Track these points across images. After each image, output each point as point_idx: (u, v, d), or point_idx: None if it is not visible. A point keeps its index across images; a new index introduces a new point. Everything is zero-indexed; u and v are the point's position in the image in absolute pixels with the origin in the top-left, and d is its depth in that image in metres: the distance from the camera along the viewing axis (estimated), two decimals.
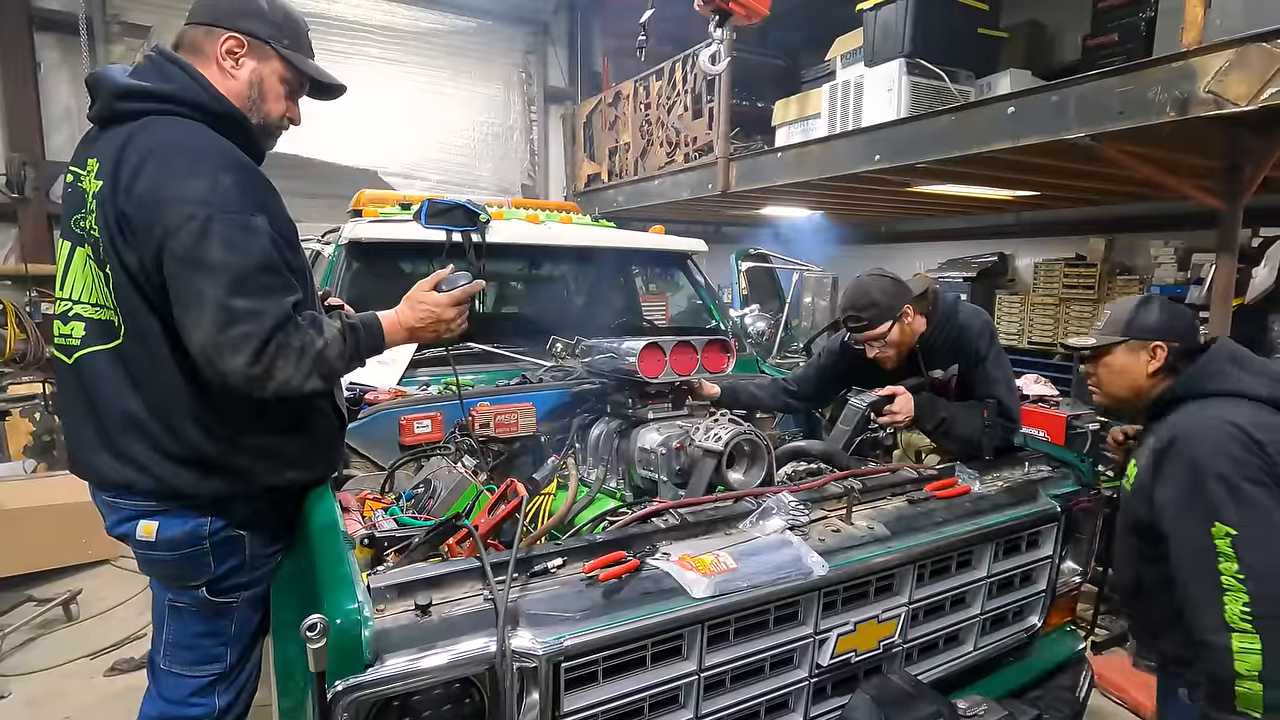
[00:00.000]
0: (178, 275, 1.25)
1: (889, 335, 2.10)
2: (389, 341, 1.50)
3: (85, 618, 3.57)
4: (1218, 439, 1.46)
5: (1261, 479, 1.43)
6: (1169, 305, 1.69)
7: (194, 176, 1.26)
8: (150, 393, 1.37)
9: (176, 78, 1.37)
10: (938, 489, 1.76)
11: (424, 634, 1.11)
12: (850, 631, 1.48)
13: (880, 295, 2.08)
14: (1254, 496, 1.41)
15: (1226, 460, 1.44)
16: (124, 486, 1.39)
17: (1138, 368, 1.65)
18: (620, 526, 1.48)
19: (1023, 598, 1.85)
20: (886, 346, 2.13)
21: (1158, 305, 1.68)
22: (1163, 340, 1.63)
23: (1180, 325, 1.66)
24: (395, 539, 1.40)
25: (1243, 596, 1.37)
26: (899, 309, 2.08)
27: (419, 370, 2.41)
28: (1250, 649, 1.35)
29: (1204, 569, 1.42)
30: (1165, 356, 1.63)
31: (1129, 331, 1.66)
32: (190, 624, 1.49)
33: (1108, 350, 1.69)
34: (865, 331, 2.12)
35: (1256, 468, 1.43)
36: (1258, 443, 1.44)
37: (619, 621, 1.20)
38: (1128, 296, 1.86)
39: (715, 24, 1.89)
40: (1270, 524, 1.40)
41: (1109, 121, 3.00)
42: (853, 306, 2.13)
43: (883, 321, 2.09)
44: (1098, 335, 1.71)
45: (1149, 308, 1.67)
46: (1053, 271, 6.10)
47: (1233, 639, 1.36)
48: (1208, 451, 1.46)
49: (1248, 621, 1.36)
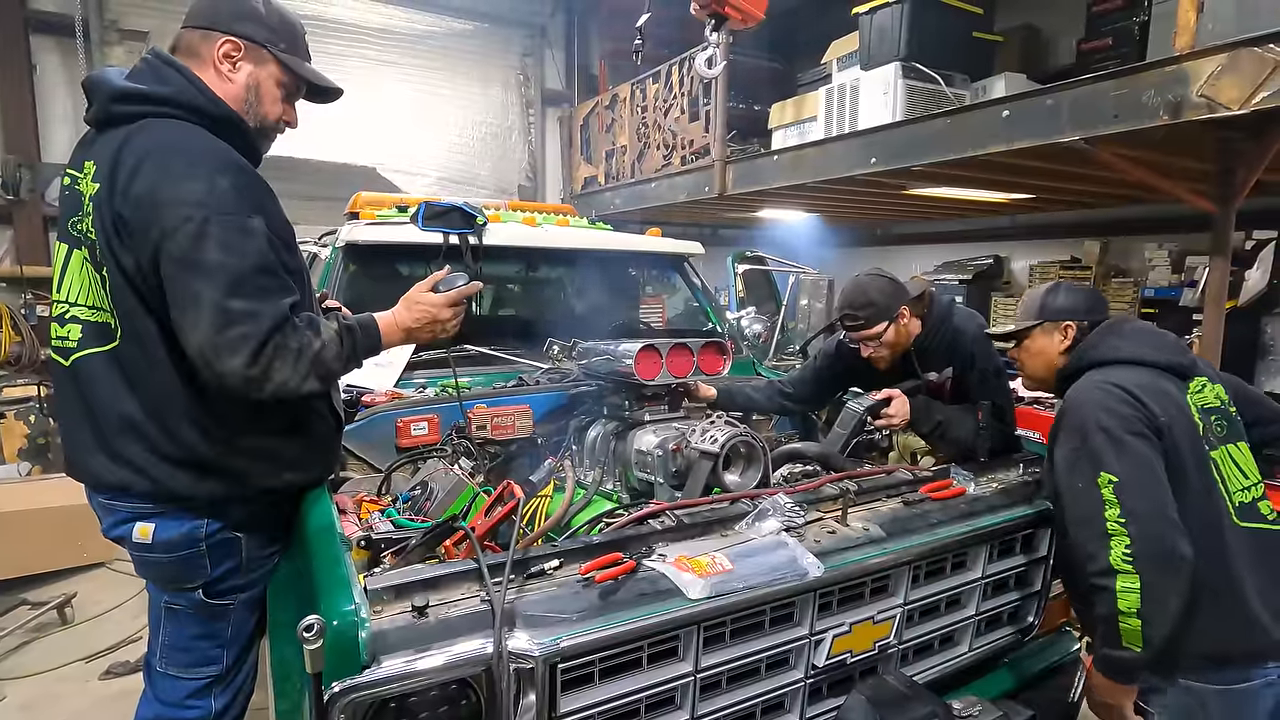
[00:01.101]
0: (174, 277, 1.25)
1: (885, 335, 2.11)
2: (386, 342, 1.51)
3: (80, 621, 3.56)
4: (1098, 397, 1.58)
5: (1142, 431, 1.53)
6: (1075, 288, 1.85)
7: (190, 179, 1.27)
8: (147, 395, 1.37)
9: (173, 81, 1.37)
10: (933, 490, 1.77)
11: (421, 635, 1.11)
12: (846, 633, 1.48)
13: (877, 295, 2.09)
14: (1135, 447, 1.51)
15: (1107, 414, 1.55)
16: (120, 488, 1.39)
17: (1052, 348, 1.80)
18: (617, 528, 1.48)
19: (1017, 598, 1.85)
20: (881, 346, 2.14)
21: (1064, 289, 1.83)
22: (1072, 320, 1.77)
23: (1086, 304, 1.79)
24: (392, 541, 1.40)
25: (1125, 540, 1.46)
26: (895, 310, 2.09)
27: (416, 372, 2.41)
28: (1130, 588, 1.44)
29: (1092, 519, 1.51)
30: (1074, 334, 1.76)
31: (1042, 315, 1.81)
32: (186, 626, 1.49)
33: (1026, 334, 1.83)
34: (861, 331, 2.13)
35: (1137, 420, 1.54)
36: (1138, 399, 1.56)
37: (615, 623, 1.21)
38: (1037, 286, 2.02)
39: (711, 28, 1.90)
40: (1150, 470, 1.50)
41: (1103, 125, 3.02)
42: (849, 305, 2.14)
43: (879, 321, 2.10)
44: (1016, 322, 1.86)
45: (1056, 292, 1.82)
46: (1048, 274, 6.12)
47: (1117, 579, 1.46)
48: (1090, 409, 1.57)
49: (1128, 562, 1.45)
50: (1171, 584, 1.44)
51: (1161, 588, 1.44)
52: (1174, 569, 1.44)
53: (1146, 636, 1.45)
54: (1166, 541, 1.44)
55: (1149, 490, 1.48)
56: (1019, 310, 1.88)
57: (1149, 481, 1.49)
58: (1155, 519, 1.46)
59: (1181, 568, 1.44)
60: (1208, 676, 1.55)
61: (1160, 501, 1.48)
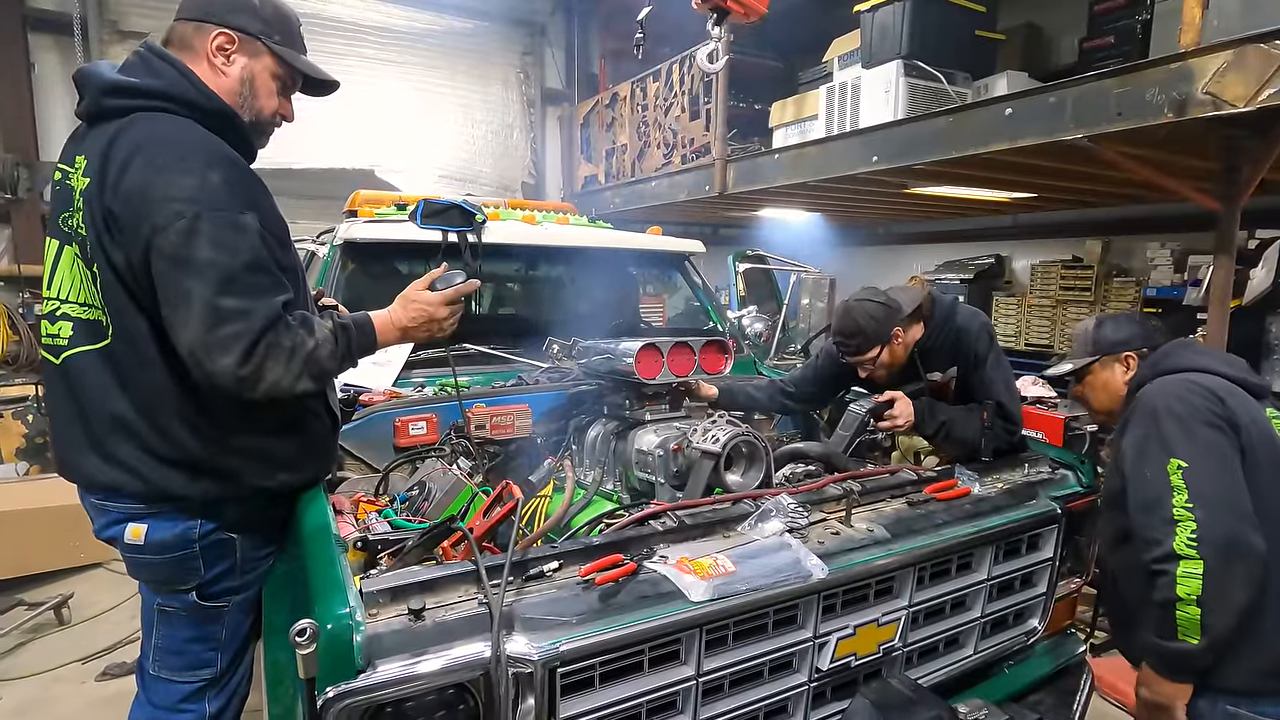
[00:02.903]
0: (165, 274, 1.23)
1: (879, 358, 2.10)
2: (381, 341, 1.48)
3: (77, 622, 3.54)
4: (1176, 389, 1.57)
5: (1216, 423, 1.51)
6: (1120, 318, 1.85)
7: (182, 173, 1.24)
8: (138, 393, 1.34)
9: (166, 74, 1.35)
10: (937, 491, 1.75)
11: (417, 639, 1.08)
12: (850, 635, 1.46)
13: (866, 322, 2.07)
14: (1207, 434, 1.49)
15: (1182, 403, 1.53)
16: (112, 489, 1.37)
17: (1116, 380, 1.80)
18: (617, 529, 1.46)
19: (1023, 600, 1.83)
20: (878, 368, 2.13)
21: (1110, 321, 1.84)
22: (1130, 350, 1.77)
23: (1141, 332, 1.80)
24: (389, 542, 1.37)
25: (1191, 525, 1.42)
26: (887, 334, 2.07)
27: (414, 371, 2.39)
28: (1193, 574, 1.40)
29: (1158, 504, 1.48)
30: (1136, 364, 1.76)
31: (1097, 349, 1.81)
32: (180, 629, 1.46)
33: (1087, 371, 1.83)
34: (854, 357, 2.12)
35: (1212, 413, 1.52)
36: (1214, 394, 1.54)
37: (616, 626, 1.18)
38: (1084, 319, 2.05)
39: (713, 22, 1.88)
40: (1222, 458, 1.48)
41: (1106, 123, 2.99)
42: (839, 333, 2.14)
43: (870, 348, 2.08)
44: (1072, 361, 1.86)
45: (1103, 325, 1.83)
46: (1050, 273, 6.10)
47: (1179, 565, 1.42)
48: (1166, 398, 1.56)
49: (1193, 548, 1.41)
50: (1238, 573, 1.39)
51: (1226, 575, 1.39)
52: (1240, 557, 1.39)
53: (1205, 625, 1.40)
54: (1234, 528, 1.40)
55: (1219, 477, 1.45)
56: (1072, 348, 1.89)
57: (1219, 469, 1.46)
58: (1223, 505, 1.42)
59: (1249, 558, 1.40)
60: (1261, 703, 1.48)
61: (1230, 489, 1.44)
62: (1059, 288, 5.98)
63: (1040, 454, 2.08)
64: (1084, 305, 5.81)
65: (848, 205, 5.87)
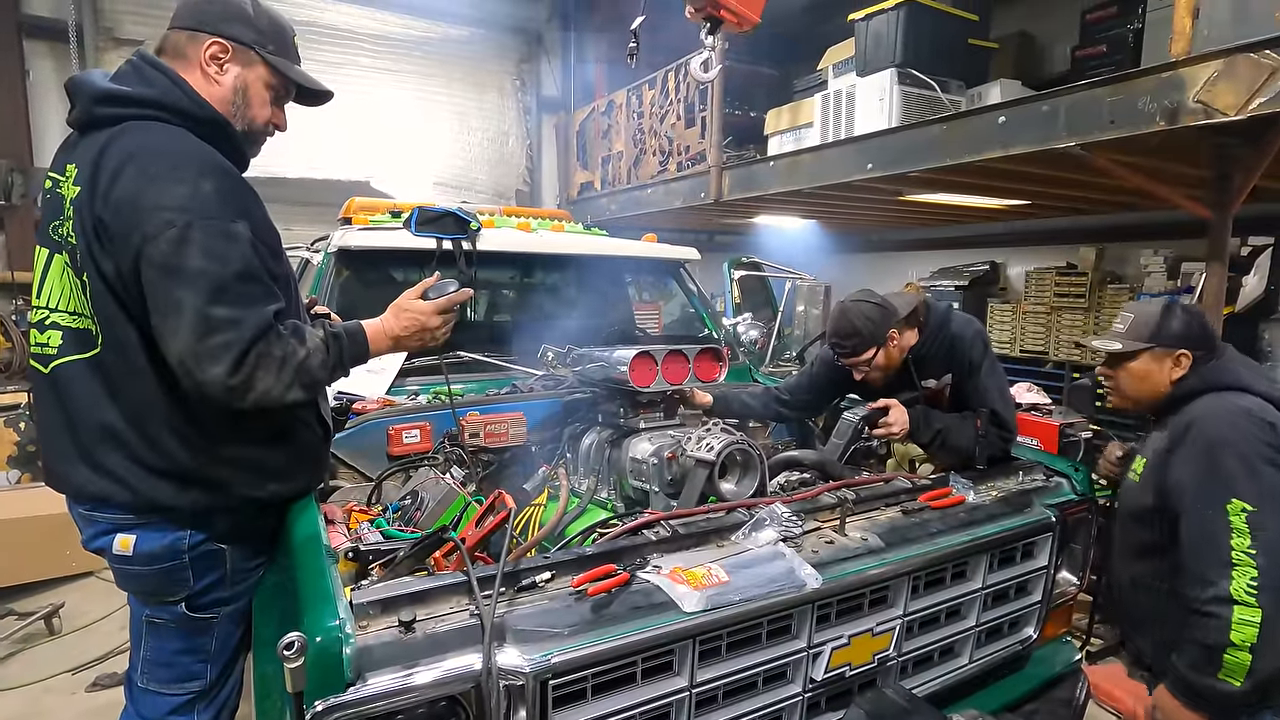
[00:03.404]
0: (156, 283, 1.22)
1: (875, 360, 2.10)
2: (374, 350, 1.48)
3: (67, 632, 3.51)
4: (1235, 420, 1.54)
5: (1275, 459, 1.50)
6: (1191, 313, 1.77)
7: (174, 182, 1.24)
8: (128, 403, 1.33)
9: (158, 82, 1.35)
10: (932, 499, 1.74)
11: (408, 651, 1.08)
12: (844, 645, 1.45)
13: (862, 323, 2.07)
14: (1270, 475, 1.47)
15: (1244, 439, 1.51)
16: (101, 499, 1.36)
17: (1161, 375, 1.74)
18: (610, 539, 1.45)
19: (1018, 609, 1.82)
20: (873, 370, 2.13)
21: (1181, 314, 1.75)
22: (1187, 349, 1.71)
23: (1202, 333, 1.74)
24: (380, 552, 1.37)
25: (1251, 571, 1.41)
26: (882, 336, 2.08)
27: (408, 379, 2.38)
28: (1249, 621, 1.39)
29: (1215, 544, 1.46)
30: (1188, 365, 1.71)
31: (1155, 340, 1.73)
32: (169, 640, 1.45)
33: (1132, 355, 1.76)
34: (849, 358, 2.12)
35: (1270, 447, 1.50)
36: (1270, 424, 1.53)
37: (608, 637, 1.18)
38: (1147, 302, 2.00)
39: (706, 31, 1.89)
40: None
41: (1099, 131, 3.01)
42: (835, 334, 2.14)
43: (866, 349, 2.08)
44: (1124, 341, 1.77)
45: (1173, 316, 1.74)
46: (1044, 280, 6.12)
47: (1235, 610, 1.40)
48: (1225, 432, 1.53)
49: (1252, 595, 1.39)
50: None
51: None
52: None
53: (1253, 670, 1.39)
54: None
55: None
56: (1125, 326, 1.80)
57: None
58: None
59: None
60: None
61: None
62: (1054, 294, 6.00)
63: (1035, 461, 2.08)
64: (1078, 312, 5.83)
65: (842, 212, 5.89)
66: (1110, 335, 1.84)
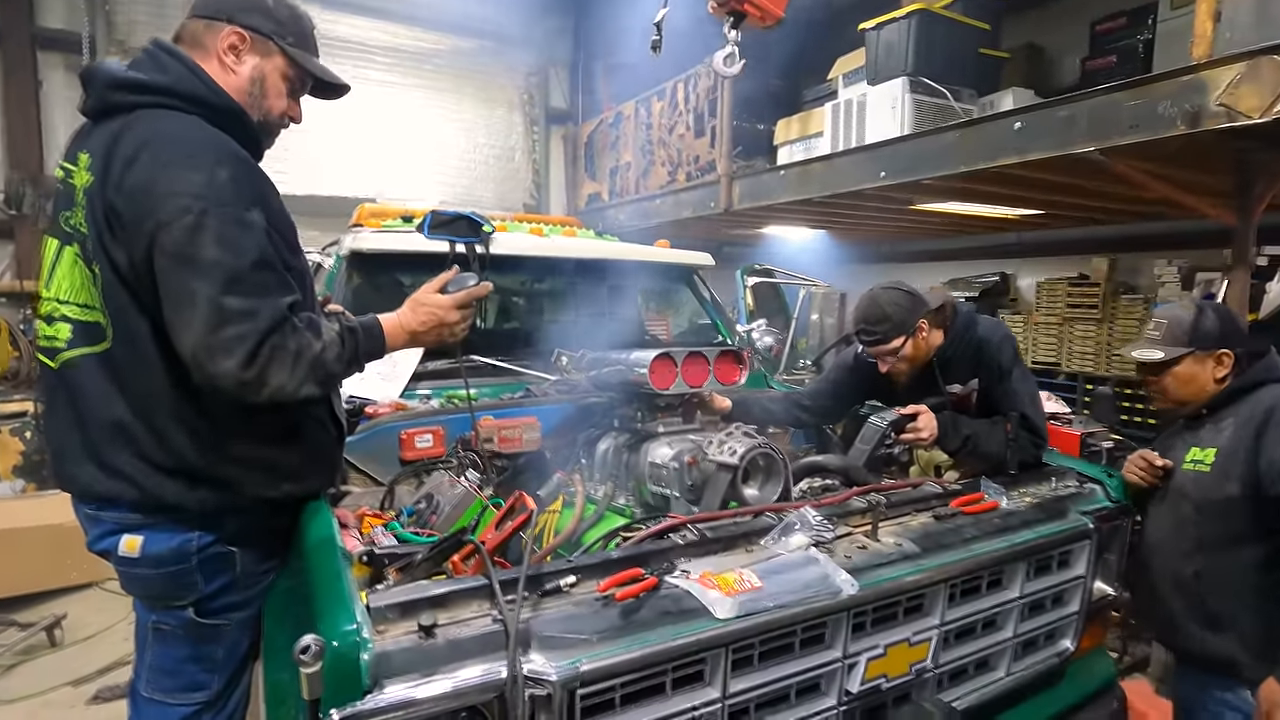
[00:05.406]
0: (168, 272, 1.18)
1: (903, 350, 2.04)
2: (390, 345, 1.43)
3: (70, 643, 3.45)
4: None
5: None
6: (1223, 312, 1.81)
7: (189, 169, 1.20)
8: (136, 398, 1.29)
9: (173, 70, 1.32)
10: (964, 504, 1.68)
11: (428, 658, 1.02)
12: (880, 655, 1.39)
13: (893, 309, 2.02)
14: None
15: None
16: (108, 498, 1.31)
17: (1205, 375, 1.78)
18: (635, 542, 1.39)
19: (1055, 620, 1.75)
20: (900, 361, 2.06)
21: (1213, 313, 1.79)
22: (1227, 348, 1.75)
23: (1237, 330, 1.78)
24: (396, 556, 1.31)
25: None
26: (912, 324, 2.02)
27: (421, 383, 2.34)
28: None
29: None
30: (1231, 364, 1.75)
31: (1194, 342, 1.77)
32: (175, 647, 1.39)
33: (1174, 361, 1.79)
34: (877, 346, 2.06)
35: None
36: None
37: (638, 644, 1.12)
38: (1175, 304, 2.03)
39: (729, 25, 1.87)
40: None
41: (1118, 135, 2.97)
42: (864, 320, 2.07)
43: (896, 336, 2.02)
44: (1164, 349, 1.80)
45: (1206, 317, 1.78)
46: (1055, 291, 6.06)
47: None
48: None
49: None
50: None
51: None
52: None
53: None
54: None
55: None
56: (1160, 333, 1.83)
57: None
58: None
59: None
60: None
61: None
62: (1066, 305, 5.94)
63: (1066, 468, 2.01)
64: (1091, 323, 5.76)
65: (853, 222, 5.85)
66: (1148, 344, 1.86)
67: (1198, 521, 1.75)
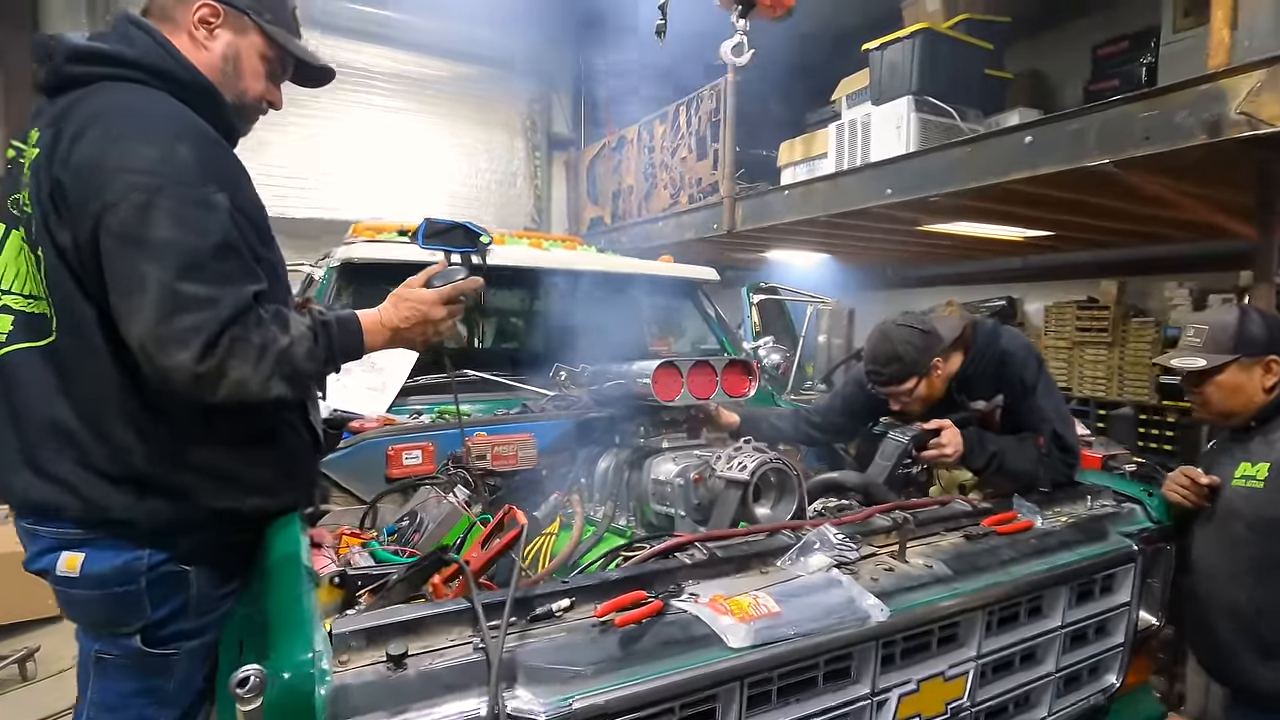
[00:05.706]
0: (115, 255, 1.06)
1: (915, 390, 1.91)
2: (369, 343, 1.30)
3: (43, 677, 3.31)
4: None
5: None
6: (1265, 315, 1.70)
7: (142, 143, 1.09)
8: (81, 395, 1.16)
9: (140, 42, 1.22)
10: (997, 523, 1.54)
11: (396, 692, 0.88)
12: (913, 691, 1.23)
13: (904, 348, 1.88)
14: None
15: None
16: (44, 509, 1.17)
17: (1252, 384, 1.67)
18: (638, 562, 1.25)
19: (1099, 652, 1.59)
20: (913, 401, 1.94)
21: (1258, 317, 1.69)
22: (1277, 354, 1.65)
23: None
24: (370, 577, 1.18)
25: None
26: (926, 365, 1.89)
27: (410, 398, 2.22)
28: None
29: None
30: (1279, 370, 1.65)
31: (1239, 349, 1.67)
32: (119, 680, 1.23)
33: (1218, 369, 1.69)
34: (887, 387, 1.94)
35: None
36: None
37: (640, 678, 0.98)
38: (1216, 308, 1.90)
39: (738, 14, 1.80)
40: None
41: (1132, 147, 2.89)
42: (873, 360, 1.95)
43: (907, 378, 1.90)
44: (1207, 356, 1.70)
45: (1253, 321, 1.68)
46: (1064, 315, 5.97)
47: None
48: None
49: None
50: None
51: None
52: None
53: None
54: None
55: None
56: (1201, 340, 1.74)
57: None
58: None
59: None
60: None
61: None
62: (1075, 329, 5.84)
63: (1101, 486, 1.87)
64: (1102, 347, 5.66)
65: (858, 245, 5.79)
66: (1189, 351, 1.75)
67: (1251, 541, 1.63)
